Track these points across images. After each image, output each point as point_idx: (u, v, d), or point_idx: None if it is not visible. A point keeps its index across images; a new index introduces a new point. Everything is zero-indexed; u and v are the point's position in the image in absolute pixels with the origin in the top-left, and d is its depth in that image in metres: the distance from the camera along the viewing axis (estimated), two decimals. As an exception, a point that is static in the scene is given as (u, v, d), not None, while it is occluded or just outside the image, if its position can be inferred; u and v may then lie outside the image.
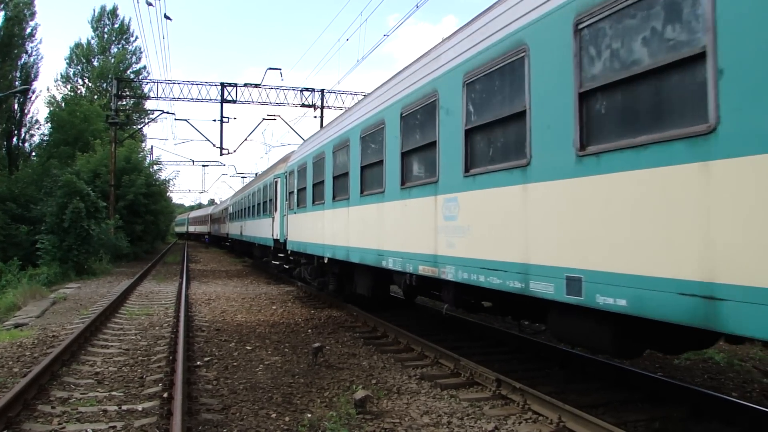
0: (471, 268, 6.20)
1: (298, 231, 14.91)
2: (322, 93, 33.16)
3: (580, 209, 4.61)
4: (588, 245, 4.51)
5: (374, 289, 10.69)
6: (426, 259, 7.23)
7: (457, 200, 6.52)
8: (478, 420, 5.85)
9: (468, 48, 6.49)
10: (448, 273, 6.63)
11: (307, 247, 13.88)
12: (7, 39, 37.01)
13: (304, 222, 14.27)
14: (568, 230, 4.77)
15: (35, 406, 6.16)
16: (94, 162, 32.70)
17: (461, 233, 6.44)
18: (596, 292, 4.37)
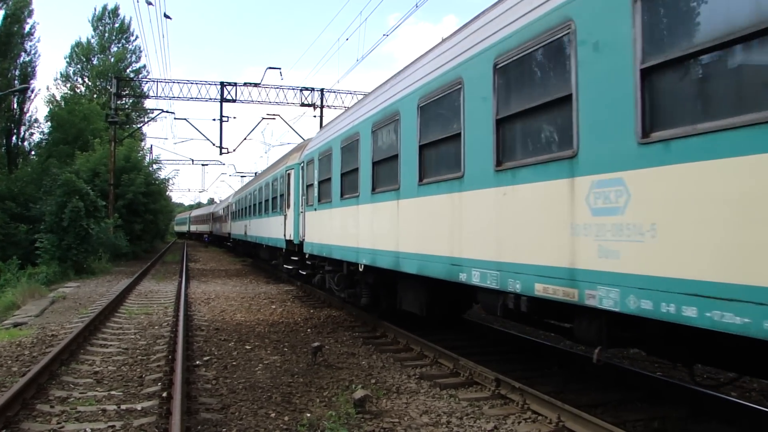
0: (661, 294, 3.89)
1: (320, 231, 12.69)
2: (321, 92, 33.15)
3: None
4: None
5: (433, 307, 8.39)
6: (551, 274, 4.98)
7: (623, 183, 4.26)
8: (477, 419, 5.85)
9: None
10: (604, 298, 4.38)
11: (332, 250, 11.58)
12: (6, 37, 37.00)
13: (328, 220, 12.02)
14: None
15: (34, 405, 6.15)
16: (94, 161, 32.68)
17: (633, 235, 4.15)
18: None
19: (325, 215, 12.21)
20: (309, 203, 13.74)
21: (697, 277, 3.61)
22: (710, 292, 3.49)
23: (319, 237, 12.71)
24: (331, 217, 11.77)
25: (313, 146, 13.81)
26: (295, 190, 15.54)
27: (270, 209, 20.03)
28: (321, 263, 13.11)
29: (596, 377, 7.14)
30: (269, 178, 20.48)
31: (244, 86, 31.77)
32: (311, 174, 13.56)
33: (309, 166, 13.87)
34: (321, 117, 32.99)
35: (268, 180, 20.65)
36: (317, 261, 13.43)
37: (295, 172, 15.71)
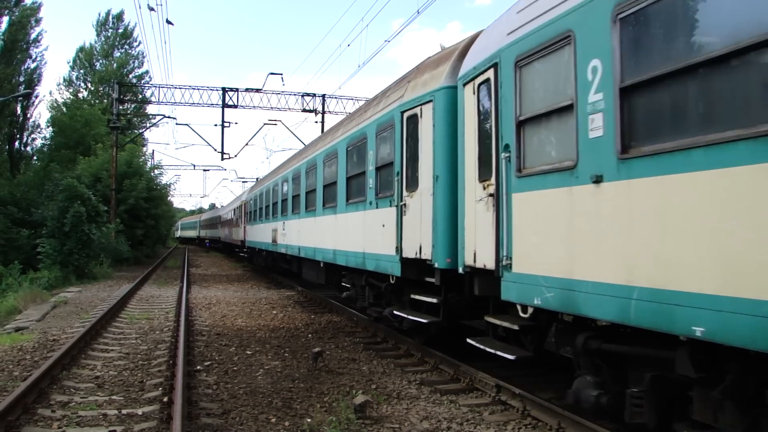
0: None
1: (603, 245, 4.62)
2: (323, 98, 33.25)
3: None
4: None
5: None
6: None
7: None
8: (477, 425, 5.85)
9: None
10: None
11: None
12: (11, 44, 37.16)
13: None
14: None
15: (35, 409, 6.16)
16: (96, 166, 32.77)
17: None
18: None
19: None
20: (523, 169, 5.69)
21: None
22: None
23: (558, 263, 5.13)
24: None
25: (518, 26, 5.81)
26: (455, 146, 7.21)
27: (344, 198, 11.42)
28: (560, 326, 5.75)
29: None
30: (337, 144, 12.18)
31: (246, 92, 31.87)
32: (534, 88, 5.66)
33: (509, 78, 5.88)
34: (322, 123, 33.08)
35: (336, 147, 12.22)
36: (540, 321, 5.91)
37: (440, 109, 7.50)
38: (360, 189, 10.56)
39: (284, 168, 19.40)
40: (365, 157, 10.20)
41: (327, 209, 12.74)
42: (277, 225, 19.27)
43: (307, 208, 14.81)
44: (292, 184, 16.89)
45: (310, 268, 15.37)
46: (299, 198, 15.67)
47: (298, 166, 16.31)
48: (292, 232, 16.65)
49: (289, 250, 17.10)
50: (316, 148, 14.69)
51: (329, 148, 12.90)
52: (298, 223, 15.77)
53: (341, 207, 11.61)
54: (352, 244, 10.76)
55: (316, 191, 13.72)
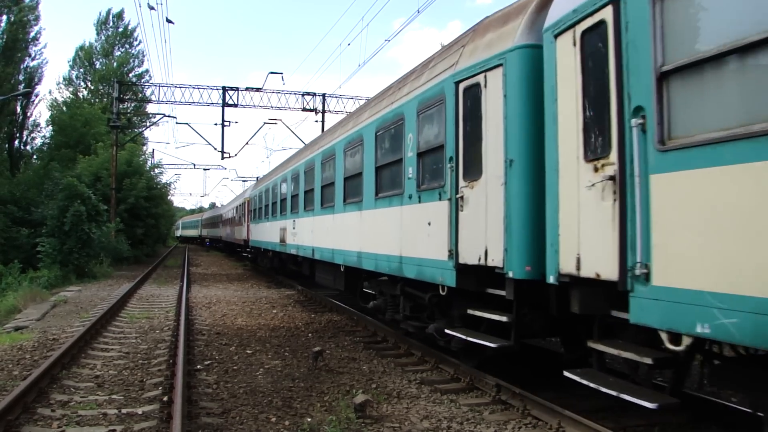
0: None
1: None
2: (323, 97, 33.24)
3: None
4: None
5: None
6: None
7: None
8: (477, 425, 5.85)
9: None
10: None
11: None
12: (11, 43, 37.14)
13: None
14: None
15: (35, 409, 6.16)
16: (96, 165, 32.77)
17: None
18: None
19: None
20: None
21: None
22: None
23: None
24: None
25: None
26: (537, 120, 5.88)
27: (372, 192, 9.79)
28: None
29: (597, 383, 7.12)
30: (362, 129, 10.46)
31: (246, 91, 31.87)
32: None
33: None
34: (323, 122, 33.07)
35: (361, 133, 10.50)
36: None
37: (514, 74, 6.12)
38: (394, 180, 8.86)
39: (294, 161, 17.36)
40: (402, 142, 8.55)
41: (349, 205, 10.94)
42: (286, 223, 17.23)
43: (323, 204, 12.97)
44: (304, 178, 14.90)
45: (326, 272, 13.51)
46: (313, 193, 13.80)
47: (311, 157, 14.40)
48: (304, 231, 14.68)
49: (300, 251, 15.13)
50: (333, 137, 12.75)
51: (352, 135, 11.01)
52: (312, 221, 13.75)
53: (368, 202, 9.88)
54: (384, 245, 9.03)
55: (335, 185, 11.92)
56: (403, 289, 8.84)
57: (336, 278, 12.55)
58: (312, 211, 13.94)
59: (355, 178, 10.69)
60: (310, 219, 14.14)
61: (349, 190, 11.11)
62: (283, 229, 17.63)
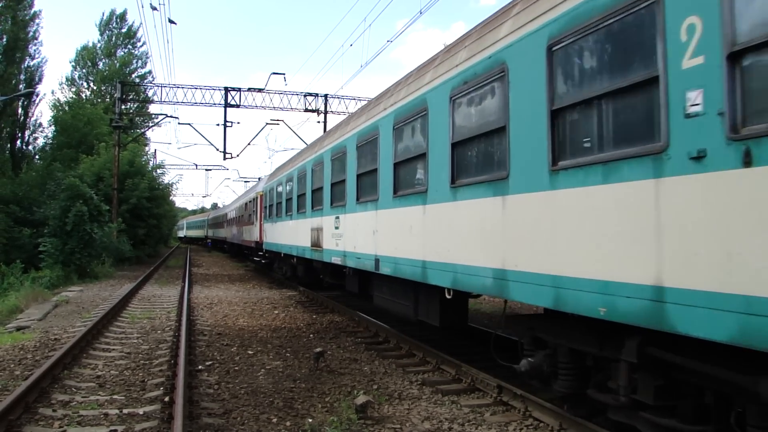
0: None
1: None
2: (325, 98, 33.24)
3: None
4: None
5: None
6: None
7: None
8: (479, 426, 5.84)
9: None
10: None
11: None
12: (12, 42, 37.22)
13: None
14: None
15: (36, 409, 6.17)
16: (98, 165, 32.81)
17: None
18: None
19: None
20: None
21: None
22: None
23: None
24: None
25: None
26: None
27: (544, 162, 5.06)
28: None
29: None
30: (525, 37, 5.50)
31: (248, 91, 31.89)
32: None
33: None
34: (325, 123, 33.07)
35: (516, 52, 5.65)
36: None
37: None
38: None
39: (332, 137, 12.86)
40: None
41: (489, 186, 5.98)
42: (321, 221, 12.85)
43: (398, 191, 8.46)
44: (356, 157, 10.46)
45: (400, 294, 9.24)
46: (375, 176, 9.35)
47: (371, 124, 9.79)
48: (357, 232, 10.32)
49: (350, 260, 10.72)
50: (422, 82, 7.84)
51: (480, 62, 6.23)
52: (375, 218, 9.39)
53: (549, 180, 5.01)
54: (625, 264, 4.18)
55: (426, 159, 7.40)
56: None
57: (429, 306, 8.23)
58: (373, 203, 9.51)
59: (496, 134, 5.90)
60: (368, 215, 9.76)
61: (495, 157, 5.99)
62: (316, 230, 13.32)
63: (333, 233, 12.00)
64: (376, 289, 10.59)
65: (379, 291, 10.40)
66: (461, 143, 6.60)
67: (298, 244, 15.66)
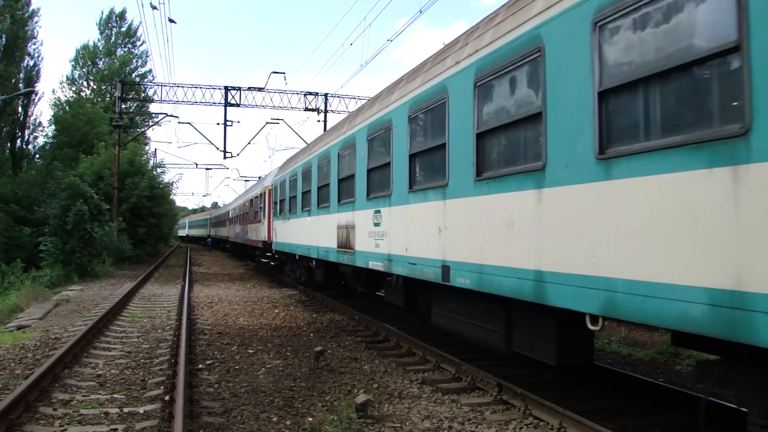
0: None
1: None
2: (325, 97, 33.25)
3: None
4: None
5: None
6: None
7: None
8: (479, 425, 5.85)
9: None
10: None
11: None
12: (12, 41, 37.24)
13: None
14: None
15: (37, 408, 6.17)
16: (98, 164, 32.83)
17: None
18: None
19: None
20: None
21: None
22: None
23: None
24: None
25: None
26: None
27: None
28: None
29: (598, 383, 7.13)
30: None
31: (249, 90, 31.90)
32: None
33: None
34: (325, 122, 33.08)
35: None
36: None
37: None
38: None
39: (373, 110, 9.94)
40: None
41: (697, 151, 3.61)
42: (354, 217, 10.53)
43: (484, 172, 6.17)
44: (409, 132, 8.09)
45: (481, 315, 6.95)
46: (442, 154, 7.05)
47: (435, 85, 7.34)
48: (416, 230, 7.83)
49: (402, 266, 8.27)
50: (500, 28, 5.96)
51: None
52: (447, 210, 6.97)
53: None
54: None
55: (543, 119, 5.13)
56: None
57: (524, 333, 6.23)
58: (437, 191, 7.15)
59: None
60: (430, 207, 7.38)
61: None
62: (345, 228, 11.05)
63: (371, 231, 9.57)
64: (436, 305, 8.14)
65: (441, 308, 7.96)
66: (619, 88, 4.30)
67: (318, 245, 13.25)
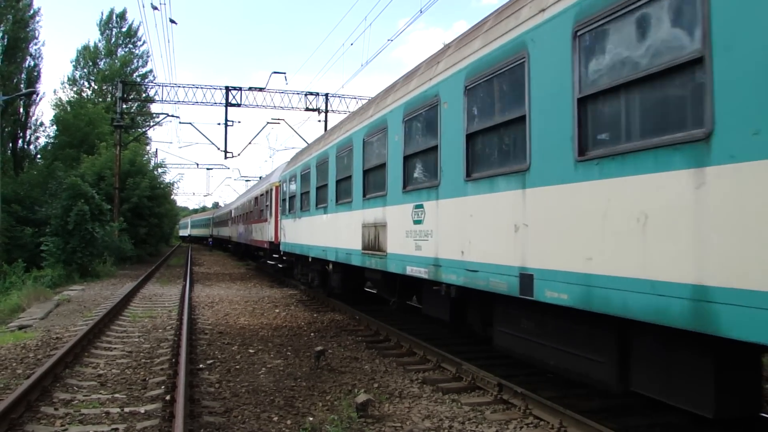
0: None
1: None
2: (326, 97, 33.27)
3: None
4: None
5: None
6: None
7: None
8: (479, 424, 5.85)
9: None
10: None
11: None
12: (13, 42, 37.29)
13: None
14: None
15: (38, 407, 6.18)
16: (99, 164, 32.88)
17: None
18: None
19: None
20: None
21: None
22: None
23: None
24: None
25: None
26: None
27: None
28: None
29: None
30: None
31: (249, 91, 31.94)
32: None
33: None
34: (326, 122, 33.10)
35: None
36: None
37: None
38: None
39: (410, 85, 8.42)
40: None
41: None
42: (385, 214, 9.05)
43: (588, 150, 4.70)
44: (466, 106, 6.59)
45: (587, 342, 5.30)
46: (522, 130, 5.53)
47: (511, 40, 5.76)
48: (478, 228, 6.31)
49: (456, 273, 6.73)
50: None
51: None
52: (527, 203, 5.41)
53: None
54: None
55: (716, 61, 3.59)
56: None
57: (650, 368, 4.69)
58: (511, 180, 5.70)
59: None
60: (500, 200, 5.89)
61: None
62: (373, 226, 9.52)
63: (409, 231, 8.09)
64: (503, 323, 6.58)
65: (511, 327, 6.42)
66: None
67: (337, 246, 11.80)
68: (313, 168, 14.27)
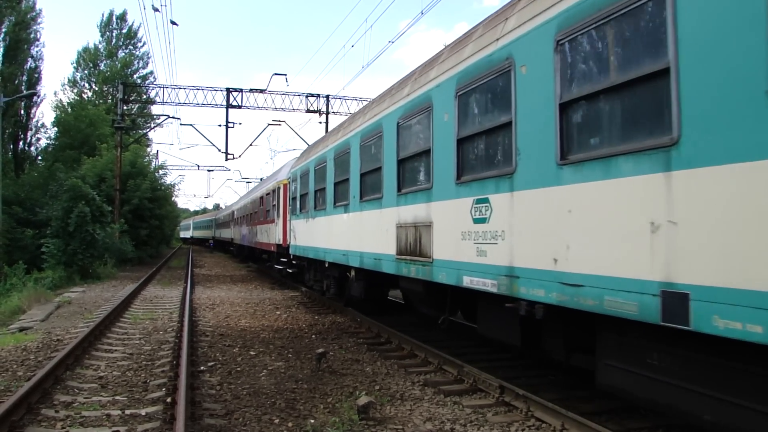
0: None
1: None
2: (327, 99, 33.27)
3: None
4: None
5: None
6: None
7: None
8: (481, 427, 5.84)
9: None
10: None
11: None
12: (14, 43, 37.35)
13: None
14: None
15: (39, 409, 6.18)
16: (100, 166, 32.90)
17: None
18: None
19: None
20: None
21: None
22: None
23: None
24: None
25: None
26: None
27: None
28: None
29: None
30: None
31: (250, 92, 31.93)
32: None
33: None
34: (326, 123, 33.10)
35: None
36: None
37: None
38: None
39: (464, 52, 6.87)
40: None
41: None
42: (429, 212, 7.53)
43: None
44: (559, 66, 4.97)
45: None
46: (665, 83, 3.88)
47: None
48: (560, 228, 4.92)
49: (549, 289, 5.02)
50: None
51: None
52: (690, 193, 3.67)
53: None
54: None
55: None
56: None
57: None
58: (641, 161, 4.08)
59: None
60: (631, 185, 4.19)
61: None
62: (412, 227, 8.05)
63: (467, 231, 6.52)
64: (614, 356, 4.89)
65: (628, 361, 4.74)
66: None
67: (362, 250, 10.33)
68: (330, 161, 12.59)
